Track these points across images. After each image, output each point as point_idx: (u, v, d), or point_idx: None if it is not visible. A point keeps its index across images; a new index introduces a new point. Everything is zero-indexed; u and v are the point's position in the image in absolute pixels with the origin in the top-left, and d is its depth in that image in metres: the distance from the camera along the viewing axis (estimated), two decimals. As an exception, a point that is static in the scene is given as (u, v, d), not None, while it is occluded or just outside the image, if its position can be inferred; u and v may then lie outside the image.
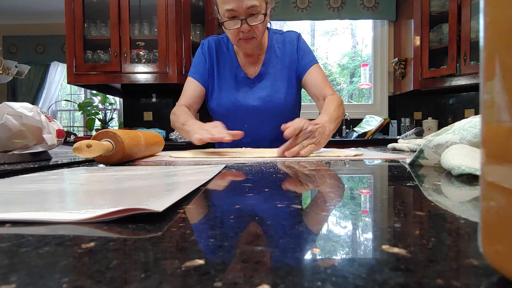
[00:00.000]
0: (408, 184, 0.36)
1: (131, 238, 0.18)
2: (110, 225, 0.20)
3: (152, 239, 0.17)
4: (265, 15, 1.04)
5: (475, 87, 2.70)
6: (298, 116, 1.24)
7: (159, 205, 0.22)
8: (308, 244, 0.16)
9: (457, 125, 0.52)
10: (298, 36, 1.20)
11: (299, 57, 1.17)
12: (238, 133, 0.88)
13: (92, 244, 0.16)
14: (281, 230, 0.19)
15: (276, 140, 1.16)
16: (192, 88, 1.16)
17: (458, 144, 0.48)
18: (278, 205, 0.25)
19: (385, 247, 0.16)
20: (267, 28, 1.20)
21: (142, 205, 0.22)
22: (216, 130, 0.92)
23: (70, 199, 0.30)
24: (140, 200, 0.26)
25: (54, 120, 0.72)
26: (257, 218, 0.22)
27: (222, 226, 0.20)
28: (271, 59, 1.18)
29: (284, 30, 1.23)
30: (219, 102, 1.16)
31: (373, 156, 0.74)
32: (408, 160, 0.56)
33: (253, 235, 0.18)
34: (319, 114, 1.01)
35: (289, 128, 0.79)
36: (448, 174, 0.44)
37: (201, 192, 0.31)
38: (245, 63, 1.18)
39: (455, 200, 0.30)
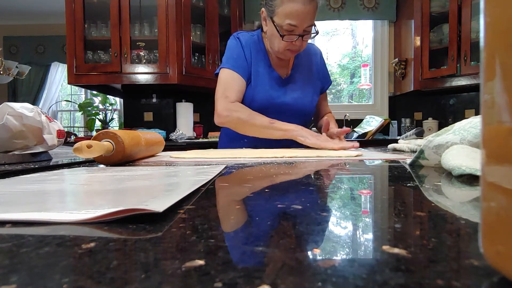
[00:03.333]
0: (409, 184, 0.36)
1: (131, 239, 0.18)
2: (110, 225, 0.20)
3: (153, 239, 0.17)
4: (315, 28, 1.11)
5: (475, 88, 2.71)
6: (310, 120, 1.34)
7: (160, 206, 0.22)
8: (308, 245, 0.16)
9: (458, 125, 0.52)
10: (321, 52, 1.35)
11: (323, 74, 1.32)
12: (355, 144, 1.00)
13: (92, 244, 0.16)
14: (281, 230, 0.19)
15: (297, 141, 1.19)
16: (238, 83, 1.15)
17: (458, 145, 0.48)
18: (279, 205, 0.25)
19: (385, 247, 0.16)
20: None
21: (142, 205, 0.22)
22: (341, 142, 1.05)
23: (70, 199, 0.30)
24: (141, 200, 0.26)
25: (55, 120, 0.72)
26: (257, 218, 0.22)
27: (222, 227, 0.20)
28: (299, 65, 1.26)
29: None
30: (253, 98, 1.17)
31: (373, 157, 0.74)
32: (408, 161, 0.56)
33: (254, 236, 0.18)
34: (322, 121, 1.25)
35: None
36: (448, 174, 0.43)
37: (202, 193, 0.31)
38: (275, 64, 1.22)
39: (456, 201, 0.30)
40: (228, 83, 1.14)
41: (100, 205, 0.25)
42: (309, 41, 1.17)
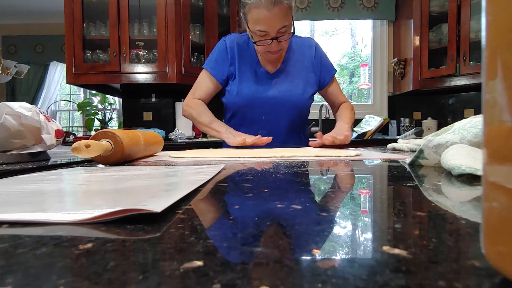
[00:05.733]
0: (408, 184, 0.36)
1: (129, 239, 0.17)
2: (108, 225, 0.20)
3: (151, 240, 0.17)
4: (292, 27, 1.12)
5: (474, 87, 2.71)
6: (308, 114, 1.34)
7: (158, 206, 0.22)
8: (308, 245, 0.16)
9: (457, 125, 0.52)
10: (316, 43, 1.34)
11: (321, 65, 1.30)
12: (267, 139, 1.05)
13: (89, 245, 0.16)
14: (280, 230, 0.19)
15: (290, 134, 1.21)
16: (208, 85, 1.23)
17: (458, 144, 0.48)
18: (278, 206, 0.25)
19: (385, 248, 0.15)
20: None
21: (141, 205, 0.22)
22: (248, 136, 1.09)
23: (68, 199, 0.30)
24: (139, 200, 0.26)
25: (53, 120, 0.72)
26: (256, 218, 0.21)
27: (221, 227, 0.20)
28: (290, 59, 1.26)
29: None
30: (239, 93, 1.21)
31: (373, 156, 0.74)
32: (408, 160, 0.56)
33: (252, 236, 0.18)
34: (336, 117, 1.32)
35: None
36: (448, 174, 0.43)
37: (200, 193, 0.31)
38: (264, 60, 1.24)
39: (456, 201, 0.30)
40: (199, 83, 1.25)
41: (99, 205, 0.25)
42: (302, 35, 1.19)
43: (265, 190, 0.32)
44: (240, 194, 0.31)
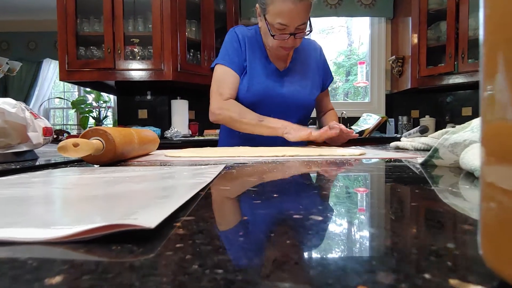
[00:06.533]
0: (431, 188, 0.32)
1: (112, 268, 0.13)
2: (88, 246, 0.16)
3: (140, 269, 0.13)
4: (309, 26, 1.09)
5: (472, 85, 2.69)
6: (310, 115, 1.32)
7: (151, 219, 0.18)
8: (348, 278, 0.12)
9: (476, 122, 0.48)
10: (321, 47, 1.34)
11: (324, 69, 1.30)
12: (335, 132, 1.02)
13: (58, 278, 0.12)
14: (307, 253, 0.15)
15: None
16: (231, 81, 1.16)
17: (478, 143, 0.44)
18: (294, 216, 0.21)
19: (454, 282, 0.12)
20: None
21: (131, 219, 0.18)
22: (313, 129, 1.05)
23: (47, 208, 0.26)
24: (130, 210, 0.22)
25: (41, 117, 0.68)
26: (272, 235, 0.18)
27: (229, 248, 0.16)
28: (298, 59, 1.24)
29: None
30: (249, 89, 1.16)
31: (378, 155, 0.70)
32: (419, 160, 0.53)
33: (273, 262, 0.14)
34: (324, 121, 1.35)
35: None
36: (466, 175, 0.40)
37: (201, 198, 0.27)
38: (273, 56, 1.20)
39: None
40: (222, 80, 1.15)
41: (81, 217, 0.21)
42: (306, 36, 1.15)
43: (275, 195, 0.28)
44: (247, 200, 0.28)
